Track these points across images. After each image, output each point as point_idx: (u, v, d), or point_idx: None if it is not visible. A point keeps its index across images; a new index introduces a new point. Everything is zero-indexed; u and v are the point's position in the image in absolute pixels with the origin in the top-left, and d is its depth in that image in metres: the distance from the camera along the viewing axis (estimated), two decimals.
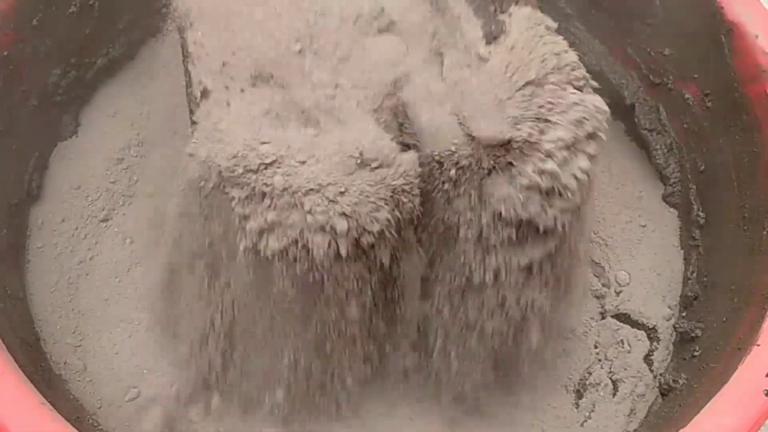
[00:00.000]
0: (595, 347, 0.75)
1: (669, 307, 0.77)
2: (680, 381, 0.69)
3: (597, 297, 0.78)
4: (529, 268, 0.59)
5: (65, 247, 0.74)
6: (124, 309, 0.73)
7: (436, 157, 0.55)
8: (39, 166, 0.76)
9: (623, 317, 0.78)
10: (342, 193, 0.53)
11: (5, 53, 0.69)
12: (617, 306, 0.78)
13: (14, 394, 0.53)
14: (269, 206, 0.52)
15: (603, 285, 0.79)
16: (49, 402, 0.54)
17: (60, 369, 0.68)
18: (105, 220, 0.77)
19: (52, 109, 0.77)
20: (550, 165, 0.54)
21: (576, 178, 0.55)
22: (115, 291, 0.74)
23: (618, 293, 0.78)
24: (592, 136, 0.56)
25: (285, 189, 0.52)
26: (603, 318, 0.77)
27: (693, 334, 0.71)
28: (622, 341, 0.76)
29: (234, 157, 0.53)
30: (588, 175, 0.56)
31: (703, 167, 0.77)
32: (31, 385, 0.54)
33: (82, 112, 0.81)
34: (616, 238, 0.81)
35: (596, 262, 0.80)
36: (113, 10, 0.80)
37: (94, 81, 0.81)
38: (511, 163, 0.55)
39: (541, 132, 0.55)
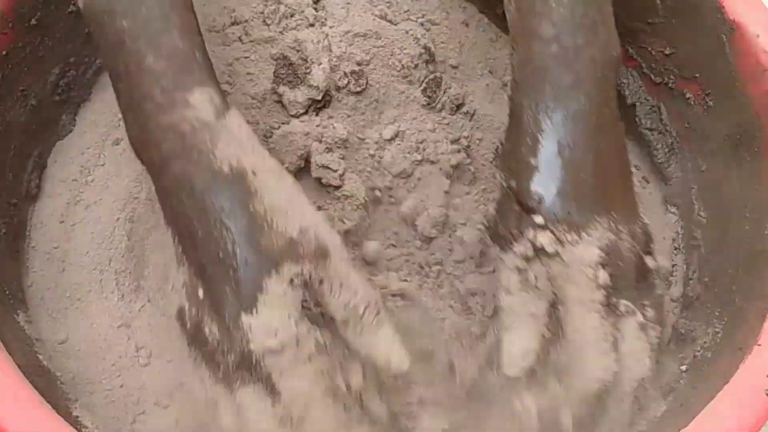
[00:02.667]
0: None
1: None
2: (681, 381, 0.69)
3: None
4: None
5: (64, 247, 0.74)
6: None
7: None
8: (38, 165, 0.76)
9: None
10: None
11: (4, 53, 0.68)
12: None
13: (13, 394, 0.53)
14: None
15: None
16: (48, 402, 0.53)
17: (59, 369, 0.68)
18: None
19: (50, 109, 0.77)
20: None
21: None
22: None
23: None
24: None
25: None
26: None
27: (694, 334, 0.71)
28: None
29: None
30: None
31: (704, 167, 0.77)
32: (30, 385, 0.54)
33: (80, 111, 0.80)
34: None
35: None
36: None
37: (93, 80, 0.81)
38: None
39: None
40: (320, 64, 0.69)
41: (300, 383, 0.52)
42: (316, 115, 0.70)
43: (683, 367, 0.70)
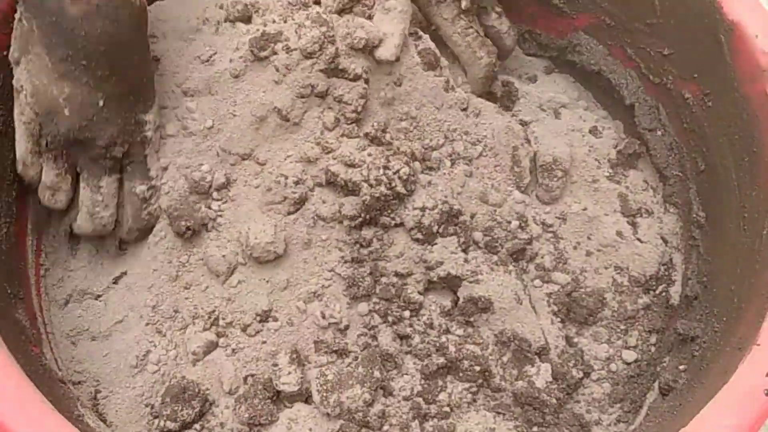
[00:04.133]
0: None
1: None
2: (680, 381, 0.69)
3: None
4: None
5: (65, 246, 0.74)
6: None
7: None
8: None
9: None
10: None
11: (5, 53, 0.68)
12: None
13: (15, 393, 0.53)
14: None
15: None
16: (50, 401, 0.53)
17: (60, 368, 0.68)
18: None
19: None
20: None
21: None
22: None
23: None
24: None
25: None
26: None
27: (693, 334, 0.71)
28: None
29: None
30: None
31: (703, 167, 0.77)
32: (32, 384, 0.54)
33: None
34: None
35: None
36: None
37: None
38: None
39: None
40: None
41: None
42: None
43: (682, 367, 0.70)
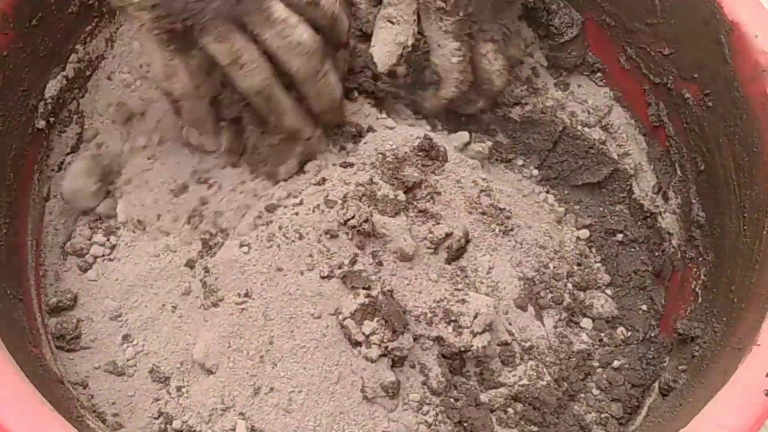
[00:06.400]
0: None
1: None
2: (680, 381, 0.69)
3: None
4: None
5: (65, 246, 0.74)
6: None
7: None
8: (39, 165, 0.76)
9: None
10: None
11: (5, 53, 0.68)
12: None
13: (14, 394, 0.53)
14: None
15: None
16: (49, 402, 0.53)
17: (60, 369, 0.68)
18: (105, 222, 0.76)
19: (51, 109, 0.76)
20: None
21: None
22: None
23: None
24: None
25: None
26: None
27: (693, 334, 0.71)
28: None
29: None
30: None
31: (703, 167, 0.77)
32: (31, 384, 0.54)
33: (80, 112, 0.80)
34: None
35: None
36: (113, 9, 0.80)
37: (93, 81, 0.81)
38: None
39: None
40: None
41: None
42: None
43: (682, 367, 0.70)
